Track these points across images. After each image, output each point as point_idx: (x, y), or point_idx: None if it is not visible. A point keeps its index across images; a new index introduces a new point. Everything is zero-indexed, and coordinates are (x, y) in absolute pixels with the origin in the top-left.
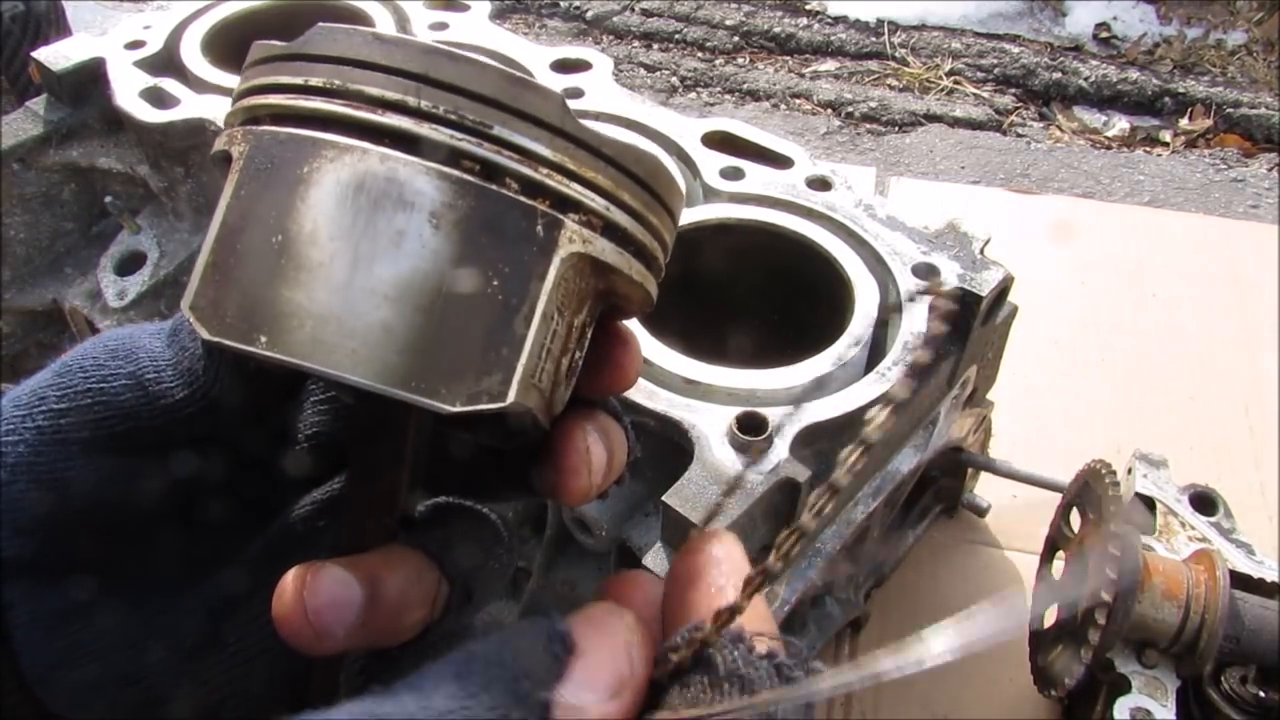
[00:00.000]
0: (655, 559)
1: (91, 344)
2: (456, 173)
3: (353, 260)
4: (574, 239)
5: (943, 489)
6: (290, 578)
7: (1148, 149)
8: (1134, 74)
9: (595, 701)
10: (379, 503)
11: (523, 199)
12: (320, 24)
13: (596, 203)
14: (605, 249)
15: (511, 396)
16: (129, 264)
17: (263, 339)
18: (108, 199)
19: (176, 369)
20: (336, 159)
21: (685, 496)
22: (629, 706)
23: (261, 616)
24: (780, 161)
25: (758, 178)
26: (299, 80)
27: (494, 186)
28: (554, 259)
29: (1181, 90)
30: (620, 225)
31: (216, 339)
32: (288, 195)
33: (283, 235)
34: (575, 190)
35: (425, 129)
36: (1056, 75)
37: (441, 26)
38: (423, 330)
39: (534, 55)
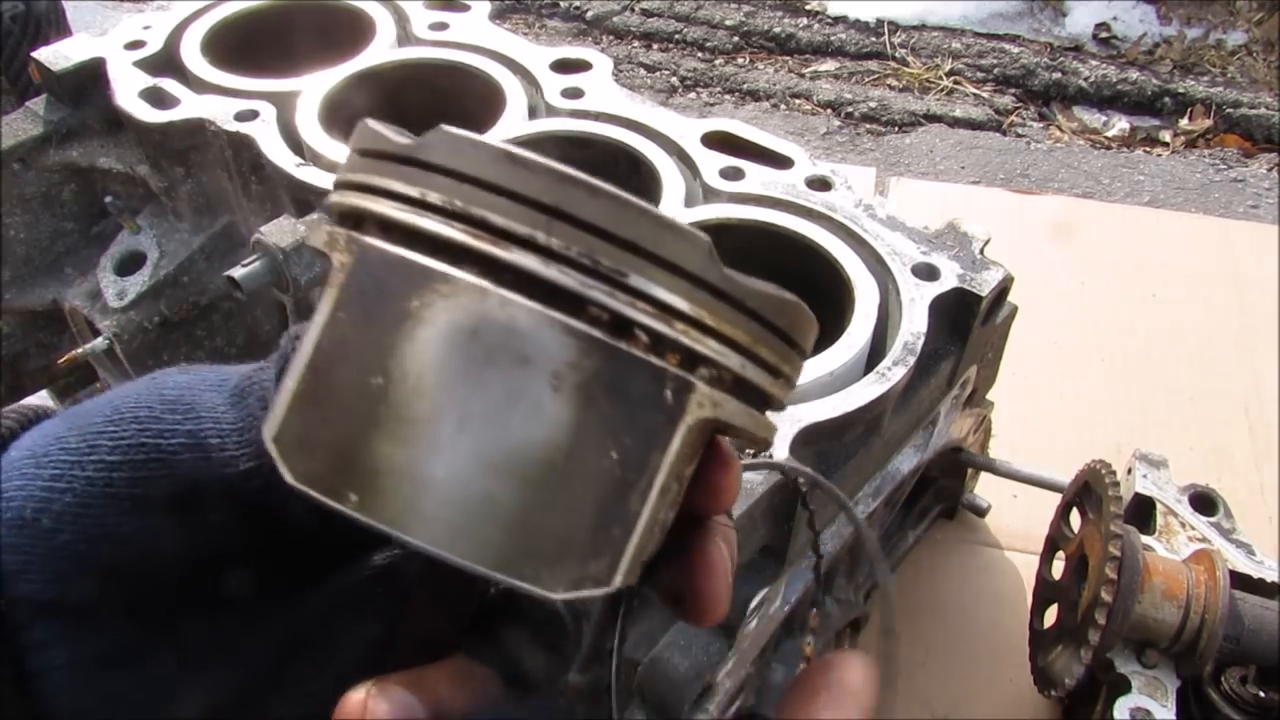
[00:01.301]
0: None
1: (145, 390)
2: (584, 327)
3: (460, 419)
4: (703, 404)
5: (943, 489)
6: (353, 700)
7: (1148, 149)
8: (1134, 74)
9: None
10: (446, 613)
11: (652, 359)
12: (443, 127)
13: (731, 360)
14: (735, 411)
15: (617, 582)
16: (129, 264)
17: (353, 496)
18: (108, 199)
19: (242, 437)
20: (451, 296)
21: None
22: None
23: (301, 685)
24: (780, 161)
25: (758, 178)
26: (415, 192)
27: (623, 345)
28: (680, 427)
29: (1181, 90)
30: (753, 383)
31: (302, 486)
32: (393, 331)
33: (384, 378)
34: (710, 348)
35: (554, 272)
36: (1056, 75)
37: (441, 27)
38: (530, 505)
39: (534, 55)
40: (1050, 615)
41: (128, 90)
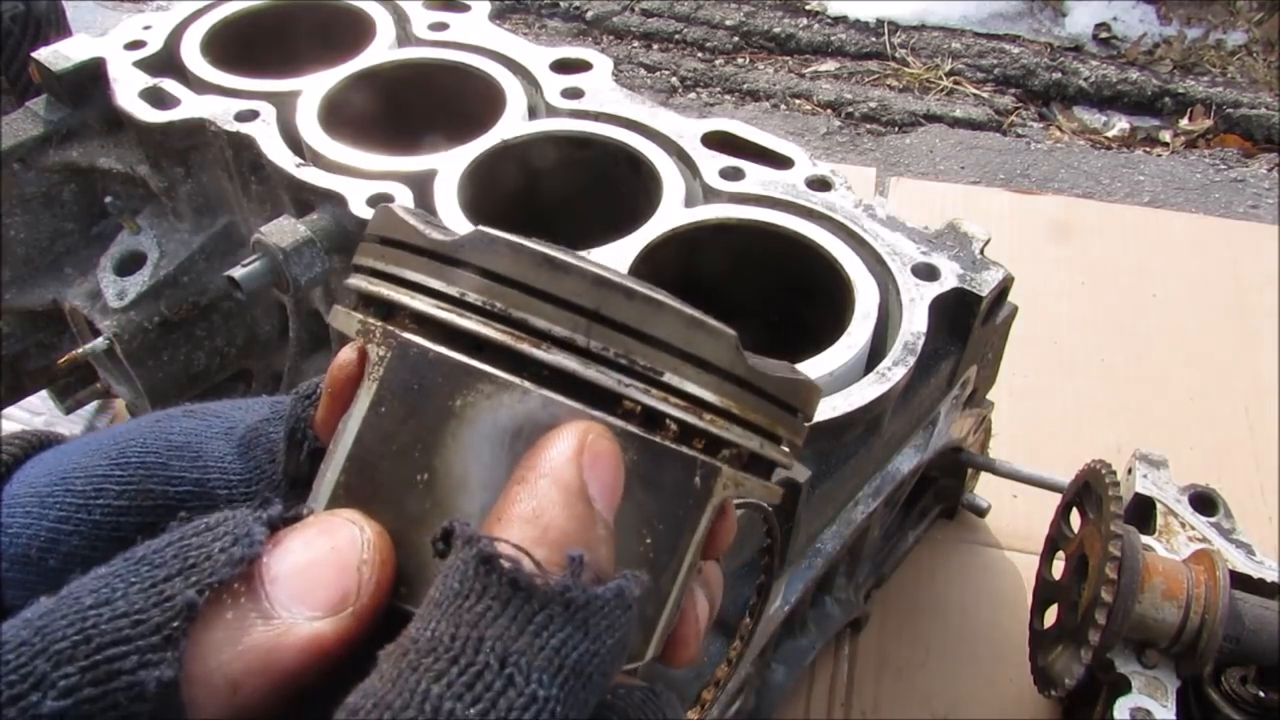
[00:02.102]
0: None
1: (150, 432)
2: (621, 424)
3: None
4: (728, 485)
5: (943, 489)
6: None
7: (1148, 149)
8: (1134, 74)
9: (299, 611)
10: None
11: (683, 449)
12: (481, 229)
13: (752, 442)
14: (754, 487)
15: (650, 655)
16: (129, 264)
17: (403, 589)
18: (108, 199)
19: (250, 490)
20: (494, 396)
21: None
22: (346, 632)
23: None
24: (780, 161)
25: (758, 178)
26: (454, 291)
27: (656, 437)
28: (707, 509)
29: (1181, 90)
30: (770, 459)
31: None
32: (437, 429)
33: (429, 474)
34: (734, 434)
35: (593, 372)
36: (1056, 75)
37: (442, 27)
38: None
39: (534, 55)
40: (1050, 615)
41: (128, 90)
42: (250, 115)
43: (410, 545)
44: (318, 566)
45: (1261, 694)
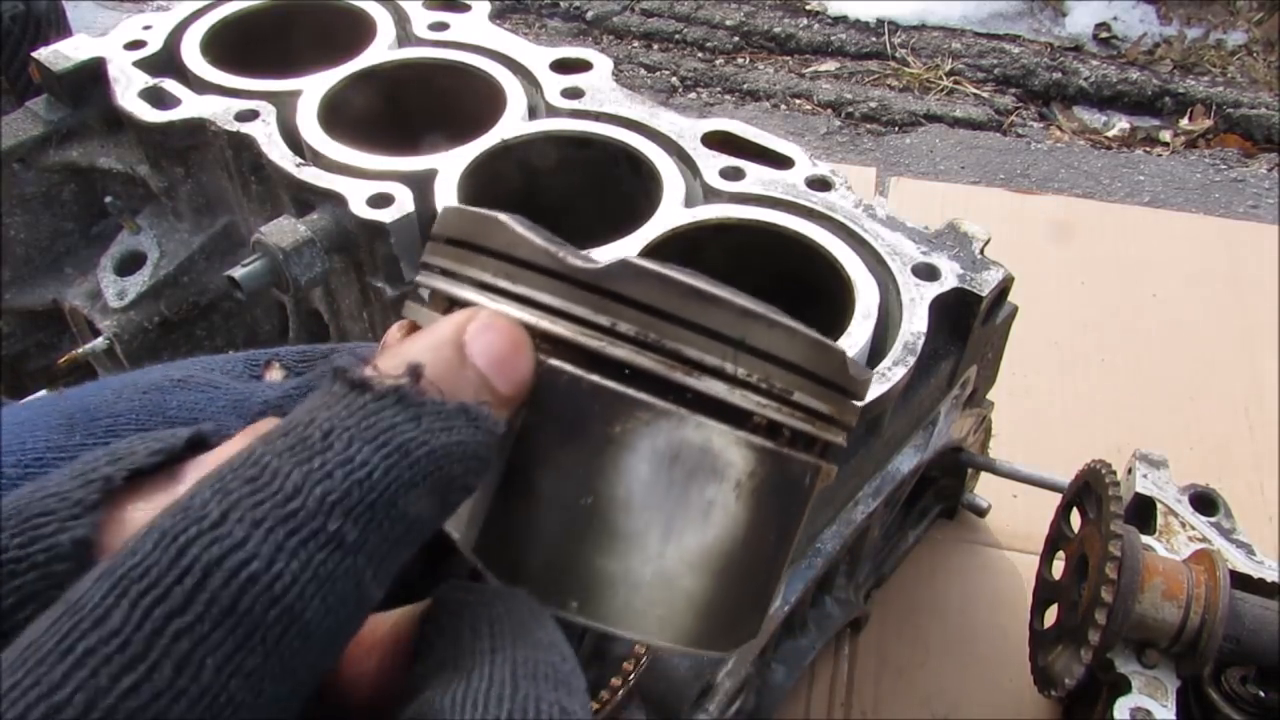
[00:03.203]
0: None
1: (140, 406)
2: (759, 440)
3: (665, 531)
4: (823, 478)
5: (943, 489)
6: None
7: (1148, 149)
8: (1134, 74)
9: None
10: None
11: (800, 455)
12: (627, 259)
13: (840, 438)
14: (832, 473)
15: (759, 629)
16: (129, 264)
17: (574, 604)
18: (108, 199)
19: None
20: (652, 423)
21: None
22: None
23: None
24: (780, 161)
25: (758, 178)
26: (604, 320)
27: (782, 448)
28: (810, 500)
29: (1181, 90)
30: (841, 445)
31: (485, 567)
32: (599, 455)
33: (594, 498)
34: (833, 434)
35: (738, 397)
36: (1056, 75)
37: (442, 27)
38: (715, 593)
39: (534, 55)
40: (1050, 615)
41: (128, 90)
42: (250, 115)
43: (578, 561)
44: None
45: (1261, 694)
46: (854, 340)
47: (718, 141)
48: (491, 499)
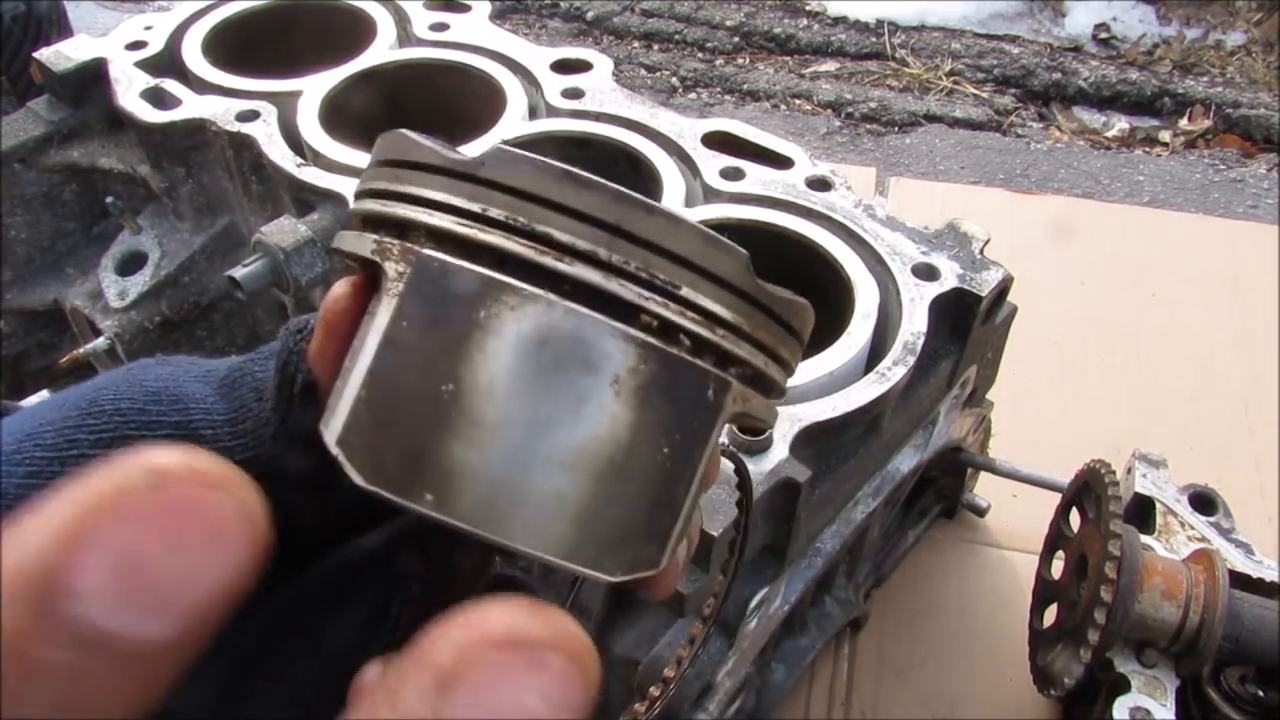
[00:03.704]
0: None
1: (123, 381)
2: (641, 335)
3: (531, 423)
4: (736, 400)
5: (943, 489)
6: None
7: (1148, 149)
8: (1134, 74)
9: None
10: (456, 598)
11: (698, 362)
12: (500, 146)
13: (758, 360)
14: (759, 405)
15: (664, 564)
16: (130, 264)
17: (429, 497)
18: (109, 199)
19: (235, 429)
20: (519, 307)
21: None
22: None
23: (287, 670)
24: (780, 161)
25: (758, 178)
26: (475, 207)
27: (672, 349)
28: (718, 422)
29: (1181, 90)
30: (771, 378)
31: (373, 488)
32: (462, 340)
33: (455, 384)
34: (743, 349)
35: (615, 285)
36: (1056, 75)
37: (442, 27)
38: (593, 500)
39: (534, 55)
40: (1050, 615)
41: (129, 90)
42: (251, 115)
43: (437, 452)
44: None
45: (1261, 693)
46: (854, 340)
47: (718, 141)
48: (359, 386)
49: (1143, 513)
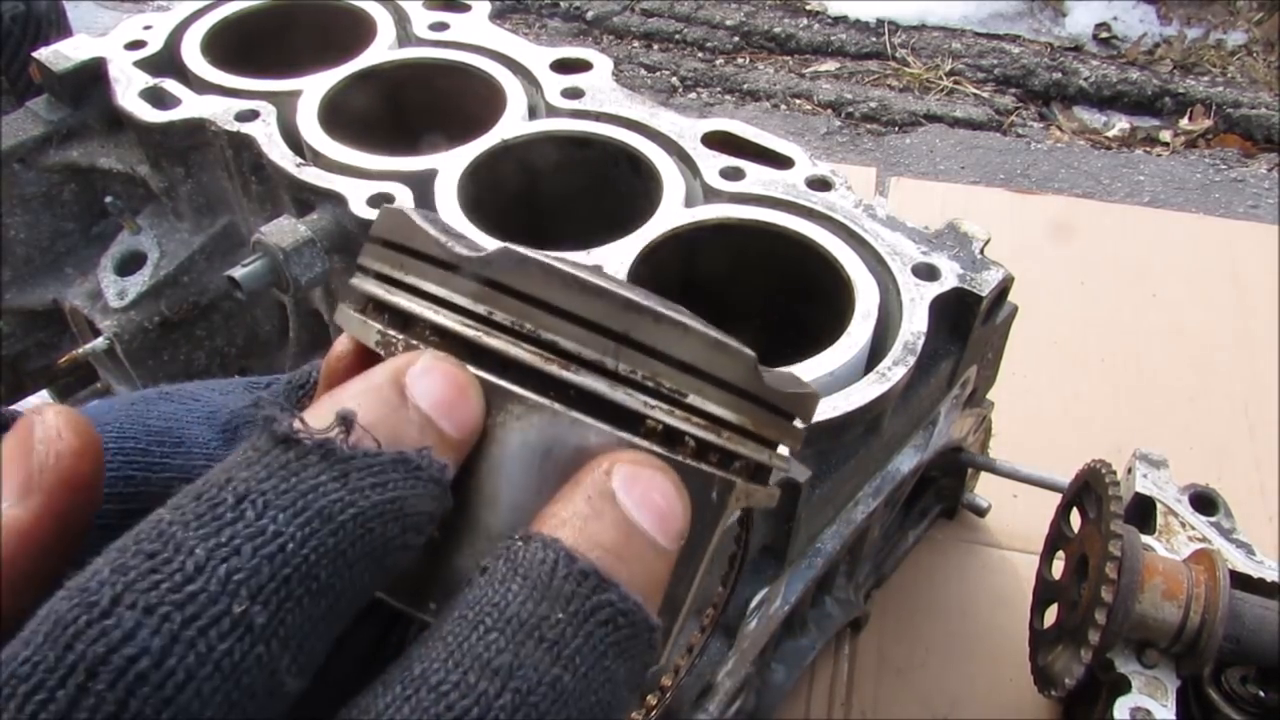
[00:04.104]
0: None
1: (126, 418)
2: (645, 444)
3: None
4: (740, 498)
5: (943, 489)
6: None
7: (1148, 149)
8: (1134, 74)
9: None
10: None
11: (702, 466)
12: (508, 247)
13: (762, 455)
14: (760, 497)
15: (663, 660)
16: (129, 264)
17: (432, 605)
18: (108, 199)
19: None
20: (524, 416)
21: None
22: (40, 511)
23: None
24: (780, 161)
25: (758, 178)
26: (481, 309)
27: (677, 456)
28: (721, 523)
29: (1181, 90)
30: (773, 467)
31: (384, 596)
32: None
33: (459, 493)
34: (748, 448)
35: (620, 395)
36: (1056, 75)
37: (442, 27)
38: None
39: (534, 55)
40: (1050, 615)
41: (128, 90)
42: (250, 115)
43: (441, 560)
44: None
45: (1261, 694)
46: (854, 340)
47: (718, 141)
48: None
49: (1143, 513)
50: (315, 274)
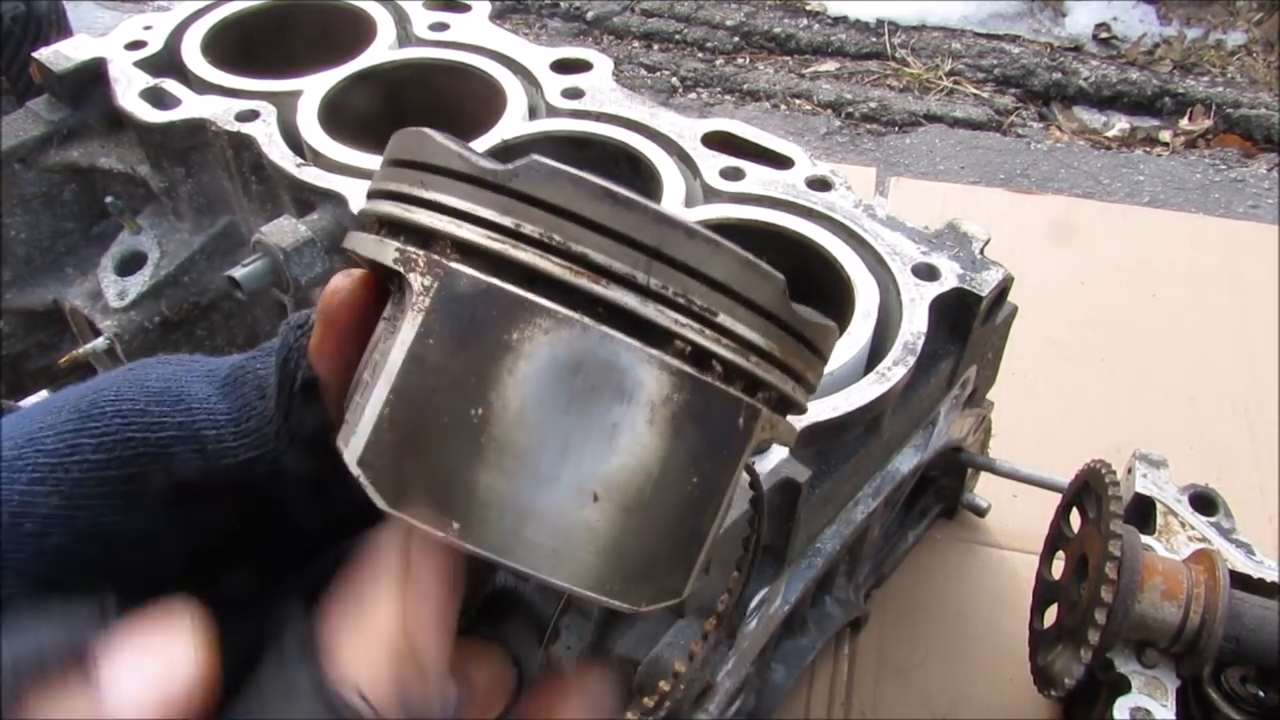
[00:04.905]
0: None
1: (123, 381)
2: (676, 363)
3: (562, 451)
4: (765, 427)
5: (943, 489)
6: None
7: (1148, 149)
8: (1134, 74)
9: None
10: (465, 597)
11: (731, 390)
12: (536, 158)
13: (787, 385)
14: (784, 429)
15: (687, 593)
16: (130, 264)
17: (455, 525)
18: (108, 199)
19: (239, 429)
20: (552, 331)
21: None
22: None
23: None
24: (780, 161)
25: (758, 178)
26: (508, 221)
27: (706, 377)
28: (746, 450)
29: (1181, 90)
30: (798, 401)
31: (398, 513)
32: (493, 363)
33: (484, 409)
34: (774, 376)
35: (652, 310)
36: (1056, 75)
37: (442, 27)
38: (622, 531)
39: (534, 55)
40: (1050, 615)
41: (129, 90)
42: (251, 115)
43: (465, 478)
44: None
45: (1261, 694)
46: (854, 340)
47: (718, 141)
48: (382, 404)
49: (1143, 513)
50: (315, 274)
